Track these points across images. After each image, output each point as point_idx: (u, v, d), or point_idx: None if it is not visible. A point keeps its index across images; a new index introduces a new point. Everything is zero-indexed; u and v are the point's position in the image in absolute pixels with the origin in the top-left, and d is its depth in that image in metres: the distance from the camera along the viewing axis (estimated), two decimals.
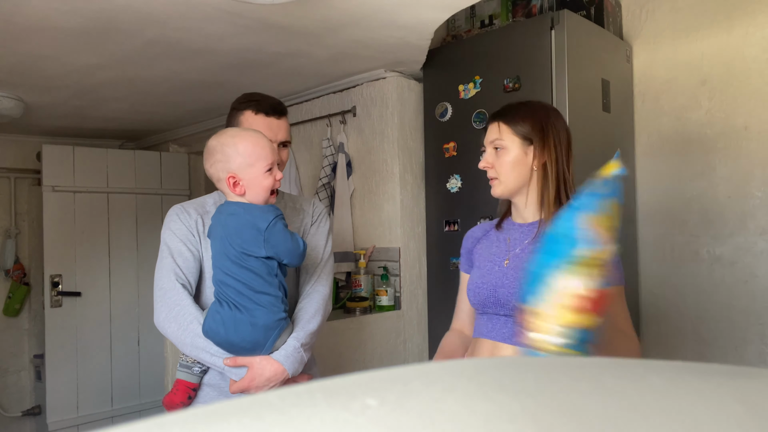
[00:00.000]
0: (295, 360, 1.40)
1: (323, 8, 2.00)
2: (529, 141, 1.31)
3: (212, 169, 1.39)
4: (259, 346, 1.37)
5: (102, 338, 3.87)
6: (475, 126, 2.52)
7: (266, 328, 1.36)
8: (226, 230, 1.37)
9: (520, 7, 2.64)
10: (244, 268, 1.35)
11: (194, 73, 2.71)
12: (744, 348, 2.39)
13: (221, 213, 1.41)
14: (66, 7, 1.90)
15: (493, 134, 1.34)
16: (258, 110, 1.52)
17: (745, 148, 2.39)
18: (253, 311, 1.35)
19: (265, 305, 1.36)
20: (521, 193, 1.35)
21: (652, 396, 0.30)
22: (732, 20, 2.43)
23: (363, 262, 2.78)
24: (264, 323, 1.35)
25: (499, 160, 1.33)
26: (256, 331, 1.35)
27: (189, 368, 1.45)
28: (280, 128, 1.54)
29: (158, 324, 1.44)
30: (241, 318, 1.34)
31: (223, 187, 1.41)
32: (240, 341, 1.35)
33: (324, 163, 2.99)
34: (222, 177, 1.38)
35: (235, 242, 1.35)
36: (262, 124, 1.51)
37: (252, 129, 1.43)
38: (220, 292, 1.39)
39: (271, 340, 1.38)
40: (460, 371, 0.33)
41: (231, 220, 1.37)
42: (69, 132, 4.03)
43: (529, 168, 1.32)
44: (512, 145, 1.32)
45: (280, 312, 1.38)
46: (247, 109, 1.53)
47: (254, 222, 1.35)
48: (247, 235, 1.35)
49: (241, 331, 1.34)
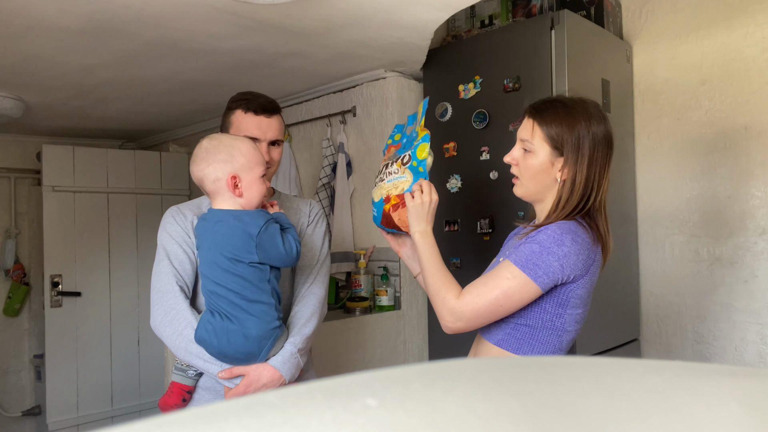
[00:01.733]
0: (292, 365, 1.39)
1: (323, 8, 2.00)
2: (560, 152, 1.23)
3: (209, 169, 1.35)
4: (253, 357, 1.35)
5: (102, 338, 3.87)
6: (475, 126, 2.52)
7: (259, 339, 1.34)
8: (215, 237, 1.34)
9: (520, 7, 2.64)
10: (236, 276, 1.32)
11: (194, 73, 2.71)
12: (744, 348, 2.39)
13: (207, 221, 1.38)
14: (66, 7, 1.90)
15: (525, 132, 1.26)
16: (247, 109, 1.50)
17: (745, 148, 2.39)
18: (244, 321, 1.32)
19: (258, 315, 1.33)
20: (542, 201, 1.30)
21: (652, 396, 0.30)
22: (732, 20, 2.43)
23: (363, 262, 2.78)
24: (257, 334, 1.33)
25: (525, 162, 1.27)
26: (249, 342, 1.33)
27: (184, 371, 1.44)
28: (270, 127, 1.52)
29: (154, 326, 1.43)
30: (234, 329, 1.32)
31: (219, 187, 1.36)
32: (233, 352, 1.33)
33: (324, 163, 2.99)
34: (222, 177, 1.34)
35: (226, 249, 1.32)
36: (252, 122, 1.49)
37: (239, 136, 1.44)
38: (210, 302, 1.36)
39: (265, 350, 1.36)
40: (460, 371, 0.33)
41: (220, 227, 1.34)
42: (69, 132, 4.03)
43: (553, 178, 1.25)
44: (541, 151, 1.24)
45: (273, 321, 1.35)
46: (238, 108, 1.51)
47: (245, 228, 1.32)
48: (239, 241, 1.32)
49: (234, 342, 1.32)
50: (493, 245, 2.47)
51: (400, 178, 1.42)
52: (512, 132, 2.40)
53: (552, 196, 1.27)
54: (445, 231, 2.67)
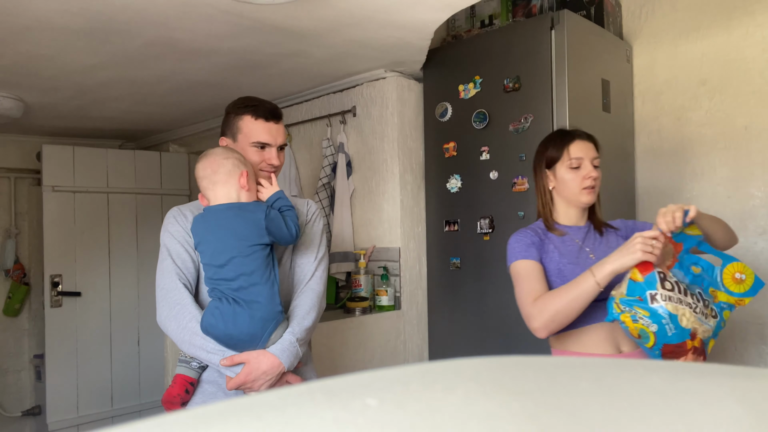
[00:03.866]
0: (291, 354, 1.43)
1: (323, 8, 2.00)
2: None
3: (228, 162, 1.45)
4: (256, 338, 1.41)
5: (102, 338, 3.87)
6: (475, 126, 2.52)
7: (264, 320, 1.41)
8: (221, 228, 1.43)
9: (520, 7, 2.64)
10: (248, 258, 1.41)
11: (194, 73, 2.71)
12: (744, 348, 2.39)
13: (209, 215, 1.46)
14: (66, 7, 1.90)
15: (593, 152, 1.61)
16: (257, 115, 1.55)
17: (745, 148, 2.39)
18: (251, 304, 1.41)
19: (263, 299, 1.42)
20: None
21: (652, 396, 0.30)
22: (732, 20, 2.43)
23: (363, 262, 2.78)
24: (262, 315, 1.41)
25: (598, 175, 1.60)
26: (254, 323, 1.40)
27: (187, 363, 1.50)
28: (279, 132, 1.58)
29: (160, 322, 1.49)
30: (241, 311, 1.40)
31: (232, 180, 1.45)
32: (238, 333, 1.40)
33: (324, 163, 2.99)
34: (235, 172, 1.45)
35: (242, 234, 1.42)
36: (263, 128, 1.54)
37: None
38: (216, 290, 1.44)
39: (268, 332, 1.42)
40: (460, 371, 0.33)
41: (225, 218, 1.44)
42: (69, 132, 4.03)
43: None
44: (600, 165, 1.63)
45: (277, 305, 1.43)
46: (246, 114, 1.55)
47: (253, 215, 1.43)
48: (250, 226, 1.42)
49: (240, 323, 1.39)
50: (493, 245, 2.47)
51: (706, 323, 1.36)
52: (512, 132, 2.40)
53: None
54: (445, 231, 2.67)
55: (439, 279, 2.72)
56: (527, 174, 2.35)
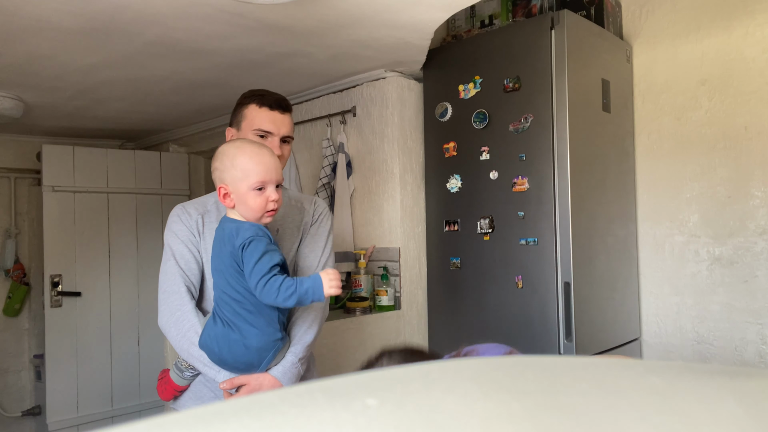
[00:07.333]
0: (293, 375, 1.40)
1: (323, 8, 2.00)
2: None
3: (213, 175, 1.37)
4: (253, 367, 1.35)
5: (102, 338, 3.87)
6: (475, 126, 2.52)
7: (260, 350, 1.33)
8: (219, 244, 1.35)
9: (520, 7, 2.64)
10: (237, 284, 1.30)
11: (194, 73, 2.71)
12: (744, 348, 2.39)
13: (219, 227, 1.38)
14: (66, 7, 1.90)
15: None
16: (262, 104, 1.51)
17: (745, 148, 2.39)
18: (245, 331, 1.31)
19: (259, 326, 1.32)
20: None
21: (652, 396, 0.30)
22: (732, 20, 2.43)
23: (363, 262, 2.78)
24: (257, 345, 1.32)
25: None
26: (249, 352, 1.32)
27: (181, 372, 1.46)
28: (283, 123, 1.53)
29: (161, 325, 1.45)
30: (234, 338, 1.31)
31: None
32: (233, 361, 1.33)
33: (324, 163, 2.99)
34: (216, 185, 1.35)
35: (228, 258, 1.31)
36: (266, 116, 1.50)
37: (259, 144, 1.37)
38: (216, 307, 1.37)
39: (266, 361, 1.35)
40: (460, 371, 0.33)
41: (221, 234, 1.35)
42: (69, 132, 4.03)
43: None
44: None
45: (275, 333, 1.35)
46: (252, 103, 1.52)
47: (233, 240, 1.30)
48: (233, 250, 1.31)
49: (235, 351, 1.32)
50: (493, 245, 2.47)
51: None
52: (512, 132, 2.40)
53: None
54: (445, 231, 2.67)
55: (439, 279, 2.72)
56: (527, 174, 2.35)
